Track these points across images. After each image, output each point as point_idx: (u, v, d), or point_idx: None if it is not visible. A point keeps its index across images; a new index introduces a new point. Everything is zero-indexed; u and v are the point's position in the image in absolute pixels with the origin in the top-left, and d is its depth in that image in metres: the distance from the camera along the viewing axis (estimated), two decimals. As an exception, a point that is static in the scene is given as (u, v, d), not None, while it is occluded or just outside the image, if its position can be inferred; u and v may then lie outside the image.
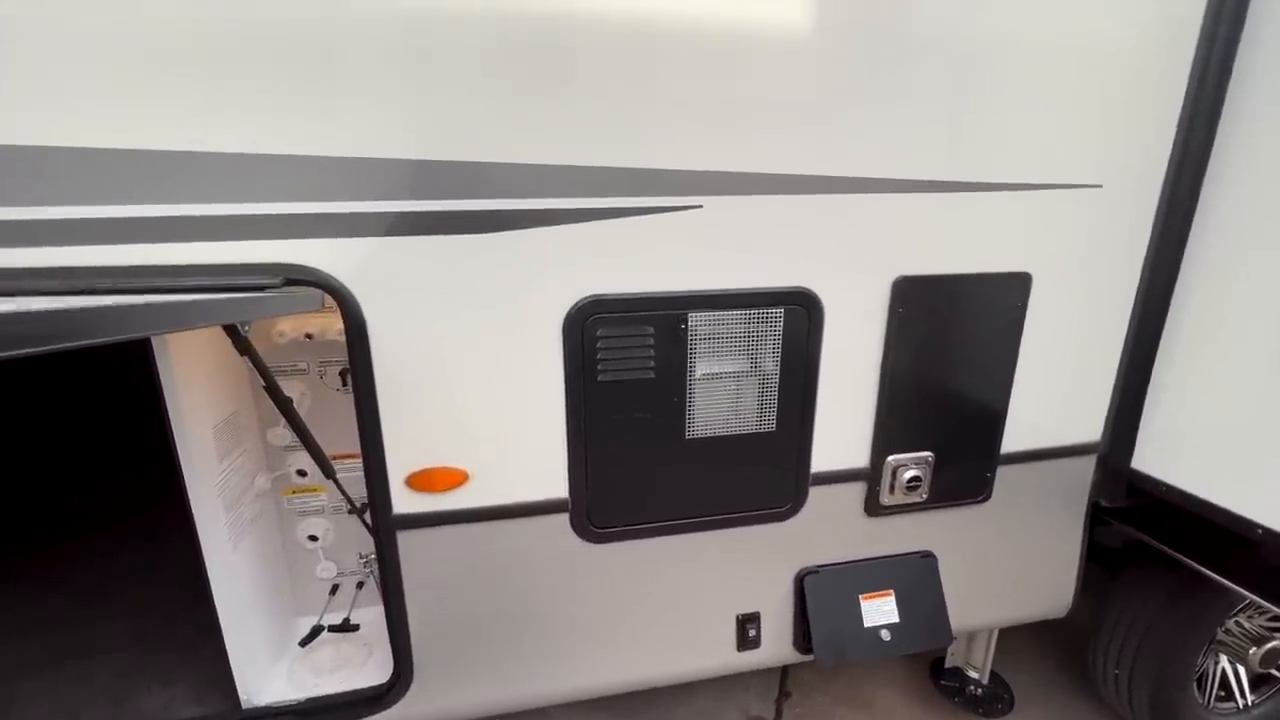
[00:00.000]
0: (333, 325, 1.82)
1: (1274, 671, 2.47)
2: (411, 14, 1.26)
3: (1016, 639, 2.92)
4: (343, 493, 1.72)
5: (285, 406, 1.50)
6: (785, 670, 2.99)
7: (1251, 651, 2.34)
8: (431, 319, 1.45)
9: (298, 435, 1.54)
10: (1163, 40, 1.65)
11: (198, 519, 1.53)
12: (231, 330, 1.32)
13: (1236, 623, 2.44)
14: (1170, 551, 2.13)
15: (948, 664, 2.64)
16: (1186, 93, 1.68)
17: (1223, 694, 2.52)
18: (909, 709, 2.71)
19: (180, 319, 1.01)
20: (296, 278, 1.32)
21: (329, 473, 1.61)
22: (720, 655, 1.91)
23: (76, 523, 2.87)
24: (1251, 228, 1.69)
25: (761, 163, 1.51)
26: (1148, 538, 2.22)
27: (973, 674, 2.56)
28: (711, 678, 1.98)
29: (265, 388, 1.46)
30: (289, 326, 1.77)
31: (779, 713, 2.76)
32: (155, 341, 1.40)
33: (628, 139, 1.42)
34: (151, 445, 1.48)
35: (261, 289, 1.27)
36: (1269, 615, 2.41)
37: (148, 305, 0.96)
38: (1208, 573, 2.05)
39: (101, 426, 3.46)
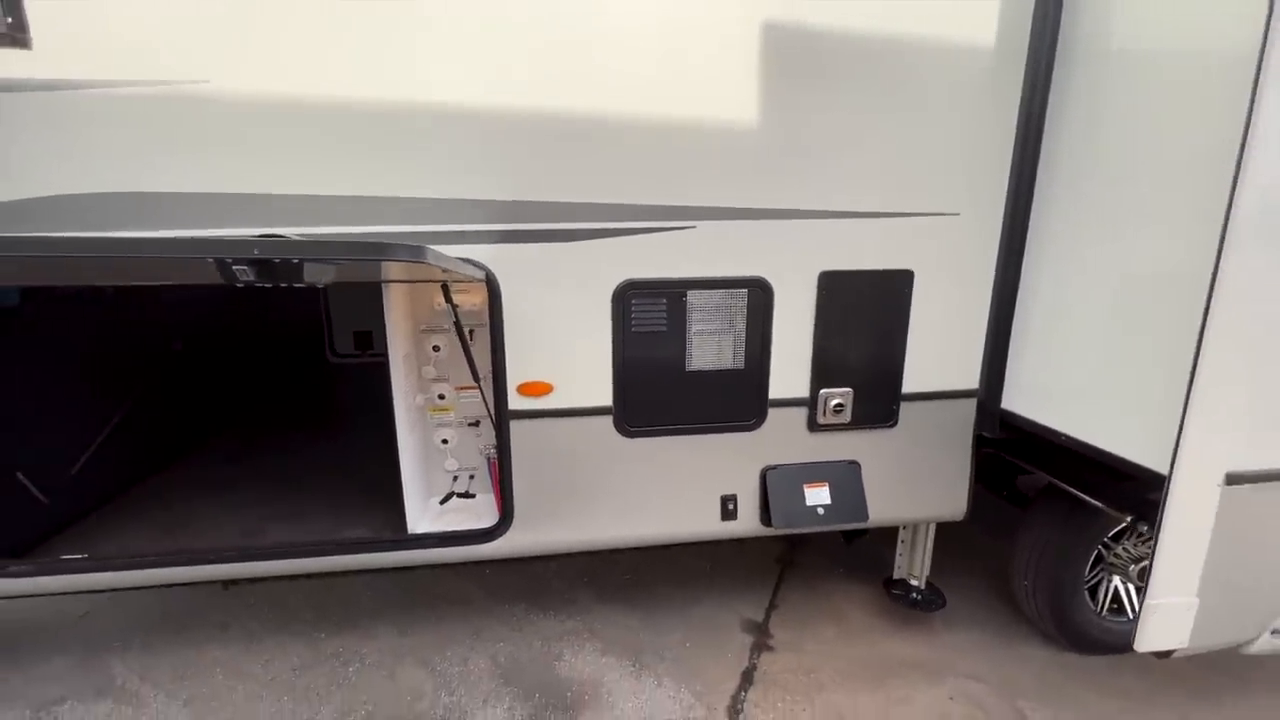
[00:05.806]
0: (468, 300, 2.91)
1: (1150, 585, 3.17)
2: (512, 127, 2.35)
3: (958, 571, 3.68)
4: (481, 392, 2.75)
5: (463, 337, 2.60)
6: (776, 588, 3.84)
7: (1131, 569, 3.08)
8: (536, 291, 2.50)
9: (465, 354, 2.62)
10: (993, 113, 2.58)
11: (396, 407, 2.62)
12: (445, 289, 2.43)
13: (1124, 548, 3.18)
14: (1038, 471, 2.97)
15: (895, 576, 3.44)
16: (1014, 149, 2.61)
17: (1116, 607, 3.23)
18: (870, 616, 3.50)
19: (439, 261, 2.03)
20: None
21: (477, 378, 2.68)
22: (710, 524, 2.83)
23: (302, 418, 4.35)
24: (1068, 241, 2.58)
25: (732, 200, 2.52)
26: (1029, 465, 3.05)
27: (914, 581, 3.35)
28: (704, 540, 2.89)
29: (454, 323, 2.56)
30: (440, 300, 2.87)
31: (767, 618, 3.61)
32: (385, 304, 2.52)
33: (650, 185, 2.46)
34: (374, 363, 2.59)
35: (450, 269, 2.36)
36: (1150, 541, 3.13)
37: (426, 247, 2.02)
38: (1068, 488, 2.86)
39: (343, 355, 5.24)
